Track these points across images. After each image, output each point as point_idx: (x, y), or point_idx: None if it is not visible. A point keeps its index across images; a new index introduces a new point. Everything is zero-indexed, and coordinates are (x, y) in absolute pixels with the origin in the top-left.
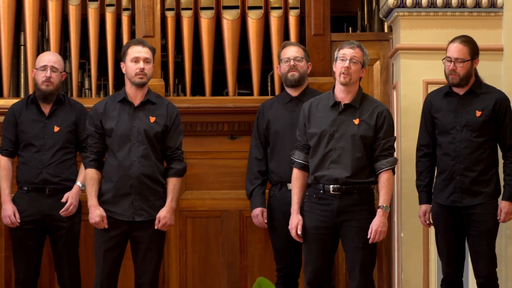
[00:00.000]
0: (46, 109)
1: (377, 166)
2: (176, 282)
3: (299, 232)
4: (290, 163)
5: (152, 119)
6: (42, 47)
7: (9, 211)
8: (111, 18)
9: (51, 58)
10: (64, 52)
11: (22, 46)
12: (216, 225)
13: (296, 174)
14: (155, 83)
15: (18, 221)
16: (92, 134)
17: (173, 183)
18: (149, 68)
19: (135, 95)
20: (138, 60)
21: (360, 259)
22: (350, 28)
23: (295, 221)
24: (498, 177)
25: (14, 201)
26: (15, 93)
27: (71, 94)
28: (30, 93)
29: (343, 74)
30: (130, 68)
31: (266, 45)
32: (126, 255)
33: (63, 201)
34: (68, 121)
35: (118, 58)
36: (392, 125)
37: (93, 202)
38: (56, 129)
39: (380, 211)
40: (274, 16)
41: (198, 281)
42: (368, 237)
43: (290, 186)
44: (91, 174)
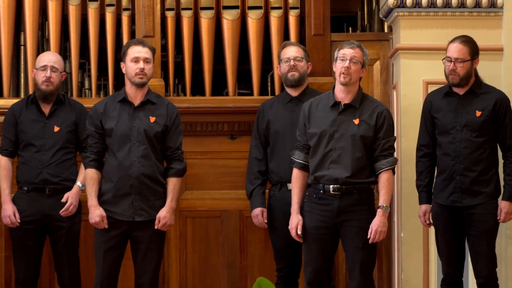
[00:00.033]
0: (46, 109)
1: (377, 166)
2: (176, 282)
3: (299, 232)
4: (290, 163)
5: (152, 119)
6: (42, 47)
7: (9, 211)
8: (111, 18)
9: (51, 58)
10: (64, 52)
11: (22, 46)
12: (216, 225)
13: (296, 174)
14: (155, 83)
15: (18, 221)
16: (92, 134)
17: (173, 183)
18: (149, 68)
19: (135, 95)
20: (138, 60)
21: (360, 259)
22: (350, 28)
23: (295, 221)
24: (498, 177)
25: (14, 201)
26: (15, 93)
27: (71, 94)
28: (30, 93)
29: (343, 74)
30: (130, 68)
31: (266, 45)
32: (126, 255)
33: (63, 201)
34: (68, 121)
35: (118, 58)
36: (392, 125)
37: (93, 202)
38: (56, 129)
39: (380, 211)
40: (274, 16)
41: (198, 281)
42: (368, 237)
43: (290, 186)
44: (91, 174)
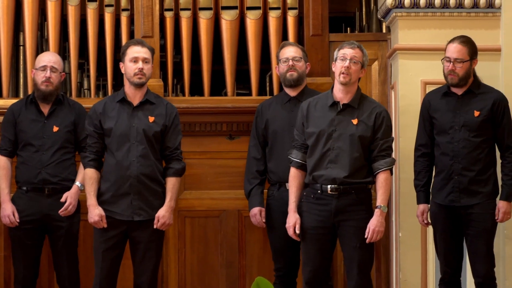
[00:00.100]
0: (45, 109)
1: (375, 166)
2: (175, 282)
3: (297, 231)
4: (288, 163)
5: (151, 119)
6: (41, 47)
7: (8, 211)
8: (110, 18)
9: (51, 58)
10: (63, 52)
11: (22, 46)
12: (214, 224)
13: (293, 173)
14: (154, 83)
15: (17, 220)
16: (91, 134)
17: (172, 183)
18: (148, 68)
19: (134, 95)
20: (137, 60)
21: (358, 259)
22: (348, 28)
23: (293, 219)
24: (496, 177)
25: (13, 201)
26: (14, 93)
27: (70, 94)
28: (29, 93)
29: (343, 74)
30: (129, 68)
31: (265, 45)
32: (125, 255)
33: (62, 201)
34: (67, 121)
35: (117, 58)
36: (390, 126)
37: (92, 201)
38: (55, 129)
39: (377, 211)
40: (273, 16)
41: (196, 280)
42: (365, 236)
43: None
44: (90, 174)
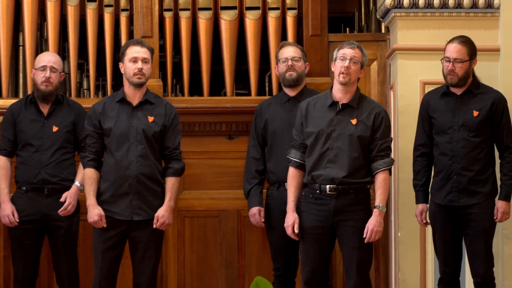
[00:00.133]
0: (45, 109)
1: (374, 166)
2: (174, 282)
3: (296, 230)
4: (287, 163)
5: (150, 119)
6: (40, 48)
7: (7, 211)
8: (110, 18)
9: (51, 58)
10: (62, 52)
11: (21, 47)
12: (214, 224)
13: (292, 172)
14: (153, 83)
15: (17, 220)
16: (90, 134)
17: (171, 183)
18: (147, 68)
19: (134, 95)
20: (136, 60)
21: (356, 259)
22: (348, 28)
23: (291, 219)
24: (495, 177)
25: (13, 200)
26: (14, 93)
27: (70, 94)
28: (29, 93)
29: (343, 73)
30: (128, 68)
31: (264, 45)
32: (124, 255)
33: (62, 200)
34: (66, 121)
35: (117, 58)
36: (389, 126)
37: (91, 201)
38: (54, 129)
39: (376, 211)
40: (272, 16)
41: (196, 280)
42: (364, 236)
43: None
44: (90, 174)
